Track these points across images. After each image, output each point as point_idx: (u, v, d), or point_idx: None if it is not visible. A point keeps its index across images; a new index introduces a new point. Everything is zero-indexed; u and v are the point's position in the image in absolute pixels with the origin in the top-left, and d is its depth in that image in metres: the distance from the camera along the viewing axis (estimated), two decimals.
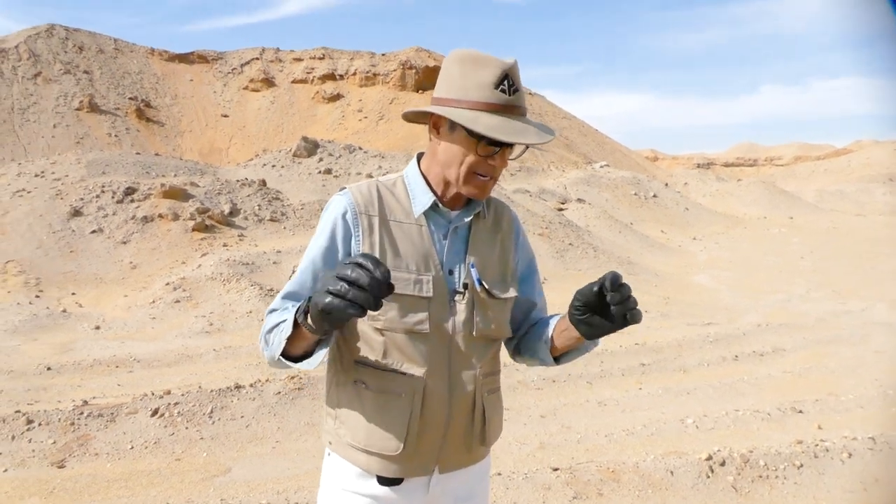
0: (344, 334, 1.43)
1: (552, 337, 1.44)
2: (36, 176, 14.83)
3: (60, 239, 11.93)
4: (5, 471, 4.22)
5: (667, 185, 27.91)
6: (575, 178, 25.20)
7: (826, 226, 22.51)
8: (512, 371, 6.00)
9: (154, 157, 20.21)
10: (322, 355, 1.29)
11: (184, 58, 58.59)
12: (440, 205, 1.42)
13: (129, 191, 13.61)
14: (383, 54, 59.64)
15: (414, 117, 1.47)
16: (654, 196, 24.17)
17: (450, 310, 1.38)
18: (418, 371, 1.36)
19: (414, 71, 55.80)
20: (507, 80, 1.31)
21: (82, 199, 13.23)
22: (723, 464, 3.93)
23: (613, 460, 4.10)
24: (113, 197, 13.35)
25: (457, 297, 1.39)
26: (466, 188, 1.37)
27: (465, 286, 1.40)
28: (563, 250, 14.18)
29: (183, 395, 5.15)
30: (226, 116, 52.97)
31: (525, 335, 1.55)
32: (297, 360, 1.28)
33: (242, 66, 58.84)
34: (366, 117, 52.07)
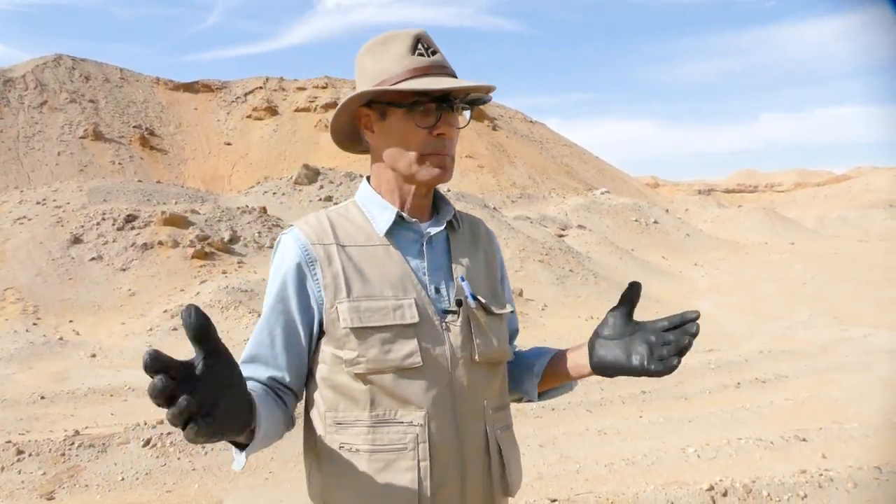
0: (311, 394, 1.21)
1: (545, 369, 1.29)
2: (37, 203, 14.90)
3: (60, 266, 11.94)
4: None
5: (667, 211, 27.96)
6: (576, 204, 25.29)
7: (827, 252, 22.46)
8: None
9: (155, 184, 20.34)
10: (244, 455, 1.02)
11: (188, 87, 59.31)
12: (405, 217, 1.23)
13: (130, 218, 13.65)
14: None
15: (342, 129, 1.28)
16: (655, 222, 24.19)
17: (443, 334, 1.17)
18: (418, 416, 1.13)
19: None
20: (423, 43, 1.18)
21: (83, 226, 13.27)
22: (725, 494, 3.84)
23: (613, 491, 4.01)
24: (113, 224, 13.39)
25: (449, 319, 1.18)
26: (425, 172, 1.18)
27: (459, 303, 1.19)
28: (564, 277, 14.13)
29: None
30: (229, 144, 53.40)
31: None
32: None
33: (246, 94, 59.51)
34: None
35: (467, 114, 1.23)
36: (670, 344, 1.10)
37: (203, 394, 0.82)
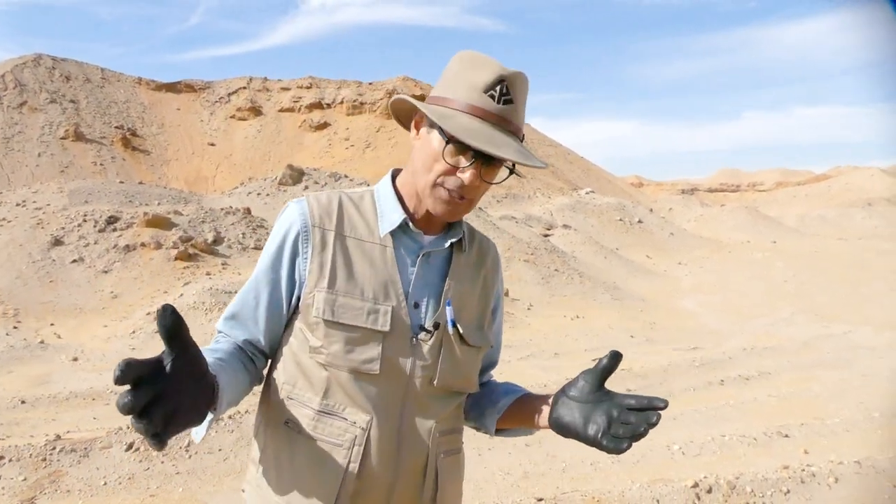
0: (277, 364, 1.24)
1: (506, 410, 1.28)
2: (17, 205, 14.68)
3: (40, 269, 11.76)
4: None
5: (651, 210, 28.15)
6: (561, 204, 25.39)
7: (808, 250, 22.74)
8: None
9: (138, 185, 20.13)
10: (204, 427, 1.03)
11: (171, 87, 58.77)
12: (411, 225, 1.21)
13: (112, 220, 13.49)
14: (370, 83, 60.16)
15: (402, 114, 1.30)
16: (640, 222, 24.35)
17: (410, 350, 1.16)
18: (362, 418, 1.14)
19: None
20: (501, 88, 1.12)
21: (63, 228, 13.09)
22: (709, 491, 3.87)
23: (598, 489, 4.03)
24: (95, 226, 13.22)
25: (421, 336, 1.17)
26: (430, 201, 1.17)
27: (437, 325, 1.18)
28: (549, 276, 14.18)
29: None
30: (212, 145, 52.98)
31: (473, 394, 1.34)
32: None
33: (230, 95, 59.08)
34: (352, 145, 52.31)
35: (504, 172, 1.19)
36: (629, 425, 1.07)
37: (166, 399, 0.84)
